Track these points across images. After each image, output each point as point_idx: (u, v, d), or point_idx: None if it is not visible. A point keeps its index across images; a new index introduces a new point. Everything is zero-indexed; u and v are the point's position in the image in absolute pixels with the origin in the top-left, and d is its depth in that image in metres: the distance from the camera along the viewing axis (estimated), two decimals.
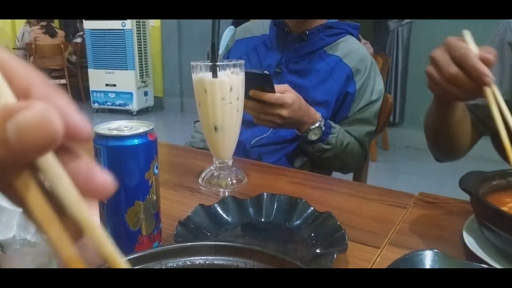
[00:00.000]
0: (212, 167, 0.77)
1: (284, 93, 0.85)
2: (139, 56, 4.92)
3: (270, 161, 1.03)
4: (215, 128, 0.73)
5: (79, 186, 0.19)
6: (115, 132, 0.43)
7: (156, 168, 0.46)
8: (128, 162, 0.43)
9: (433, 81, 0.61)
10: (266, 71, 0.82)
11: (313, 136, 0.93)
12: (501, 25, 0.82)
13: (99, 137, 0.43)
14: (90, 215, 0.19)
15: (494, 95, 0.54)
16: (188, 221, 0.55)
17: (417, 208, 0.68)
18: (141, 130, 0.44)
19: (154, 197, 0.47)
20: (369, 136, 1.05)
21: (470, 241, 0.54)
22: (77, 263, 0.19)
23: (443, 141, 0.82)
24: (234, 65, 0.72)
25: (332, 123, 0.98)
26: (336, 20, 1.10)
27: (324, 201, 0.70)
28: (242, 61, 0.74)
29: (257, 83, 0.83)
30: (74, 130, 0.18)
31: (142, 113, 5.10)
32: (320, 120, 0.93)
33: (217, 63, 0.70)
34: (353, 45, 1.06)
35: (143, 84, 5.05)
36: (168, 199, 0.69)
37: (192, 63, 0.72)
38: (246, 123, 1.04)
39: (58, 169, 0.18)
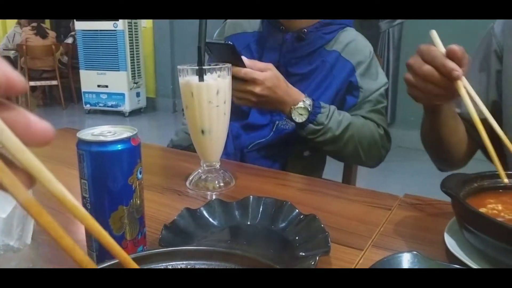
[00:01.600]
0: (199, 170, 0.78)
1: (264, 71, 0.83)
2: (131, 57, 4.90)
3: (268, 165, 1.03)
4: (202, 131, 0.73)
5: (19, 135, 0.20)
6: (98, 138, 0.44)
7: (140, 173, 0.46)
8: (111, 167, 0.44)
9: (411, 84, 0.64)
10: (229, 42, 0.80)
11: (298, 117, 0.90)
12: (486, 32, 0.83)
13: (82, 142, 0.44)
14: (35, 160, 0.21)
15: (465, 88, 0.59)
16: (174, 225, 0.55)
17: (401, 210, 0.69)
18: (124, 135, 0.44)
19: (138, 202, 0.48)
20: (379, 114, 1.02)
21: (451, 242, 0.55)
22: (34, 206, 0.21)
23: (439, 150, 0.84)
24: (221, 68, 0.73)
25: (322, 103, 0.94)
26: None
27: (310, 202, 0.71)
28: (229, 65, 0.74)
29: (224, 56, 0.79)
30: (8, 81, 0.20)
31: (134, 114, 5.09)
32: (305, 100, 0.90)
33: (204, 67, 0.71)
34: (351, 35, 1.04)
35: (135, 85, 5.04)
36: (155, 202, 0.70)
37: (179, 66, 0.72)
38: (245, 127, 1.04)
39: None
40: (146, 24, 5.14)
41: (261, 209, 0.61)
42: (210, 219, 0.59)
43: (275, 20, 1.06)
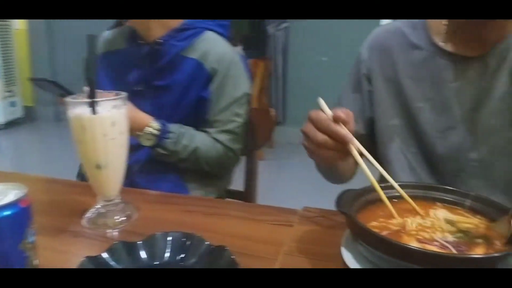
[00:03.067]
0: (97, 205, 0.73)
1: None
2: (3, 63, 4.37)
3: (159, 183, 1.02)
4: (98, 167, 0.69)
5: None
6: None
7: (32, 235, 0.42)
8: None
9: (309, 150, 0.69)
10: (48, 78, 0.80)
11: (146, 142, 0.94)
12: (356, 58, 0.93)
13: None
14: None
15: (357, 149, 0.64)
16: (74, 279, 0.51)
17: (302, 225, 0.73)
18: (12, 198, 0.40)
19: (33, 262, 0.44)
20: (228, 135, 1.05)
21: (347, 256, 0.60)
22: None
23: (332, 178, 0.95)
24: (115, 99, 0.69)
25: (174, 128, 0.97)
26: (193, 20, 1.05)
27: (217, 228, 0.71)
28: (125, 94, 0.71)
29: (51, 90, 0.80)
30: None
31: (10, 126, 4.54)
32: (152, 125, 0.94)
33: (96, 99, 0.66)
34: (211, 43, 1.03)
35: (8, 93, 4.50)
36: (48, 249, 0.63)
37: (66, 99, 0.67)
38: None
39: None
40: (19, 26, 4.61)
41: (168, 246, 0.60)
42: (115, 266, 0.56)
43: (134, 35, 1.06)
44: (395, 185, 0.66)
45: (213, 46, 1.03)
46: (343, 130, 0.62)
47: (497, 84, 0.76)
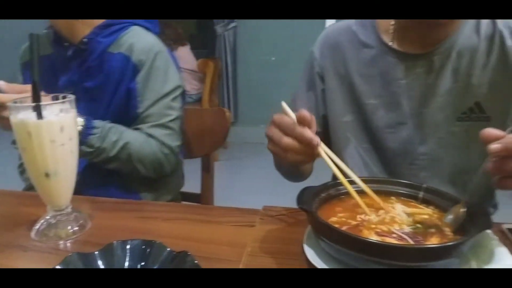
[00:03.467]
0: (47, 216, 0.69)
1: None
2: None
3: (109, 190, 0.98)
4: (47, 175, 0.65)
5: None
6: None
7: None
8: None
9: (275, 154, 0.67)
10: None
11: None
12: (308, 56, 0.94)
13: None
14: None
15: (325, 151, 0.64)
16: None
17: (264, 224, 0.73)
18: None
19: None
20: (163, 129, 1.00)
21: (310, 252, 0.61)
22: None
23: (293, 178, 0.95)
24: (63, 102, 0.65)
25: (99, 123, 0.91)
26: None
27: (178, 233, 0.69)
28: (72, 97, 0.67)
29: None
30: None
31: None
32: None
33: (42, 103, 0.62)
34: (137, 36, 1.01)
35: None
36: None
37: (8, 104, 0.62)
38: None
39: None
40: None
41: (128, 254, 0.57)
42: (69, 280, 0.53)
43: (59, 37, 1.01)
44: (358, 180, 0.68)
45: (139, 38, 0.99)
46: (310, 134, 0.62)
47: (442, 81, 0.80)
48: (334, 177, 0.70)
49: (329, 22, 0.98)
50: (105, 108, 0.99)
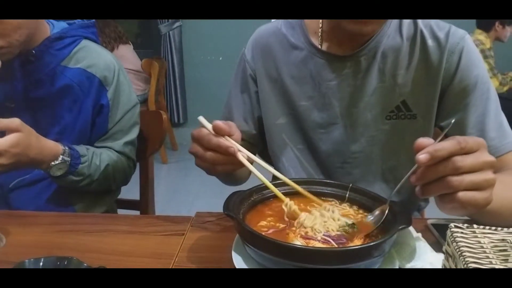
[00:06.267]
0: None
1: (9, 133, 0.74)
2: None
3: (39, 204, 0.92)
4: None
5: None
6: None
7: None
8: None
9: (204, 167, 0.68)
10: None
11: (57, 172, 0.85)
12: (240, 58, 0.93)
13: None
14: None
15: (244, 157, 0.63)
16: None
17: (194, 232, 0.71)
18: None
19: None
20: (131, 145, 1.02)
21: (237, 259, 0.60)
22: None
23: (231, 183, 0.94)
24: None
25: (82, 150, 0.90)
26: (65, 26, 0.98)
27: (99, 247, 0.66)
28: None
29: None
30: None
31: None
32: (63, 153, 0.85)
33: None
34: (93, 52, 0.98)
35: None
36: None
37: None
38: None
39: None
40: None
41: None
42: None
43: None
44: (290, 182, 0.67)
45: (98, 55, 0.98)
46: (226, 142, 0.62)
47: (369, 81, 0.81)
48: (274, 178, 0.70)
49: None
50: (51, 119, 0.94)
